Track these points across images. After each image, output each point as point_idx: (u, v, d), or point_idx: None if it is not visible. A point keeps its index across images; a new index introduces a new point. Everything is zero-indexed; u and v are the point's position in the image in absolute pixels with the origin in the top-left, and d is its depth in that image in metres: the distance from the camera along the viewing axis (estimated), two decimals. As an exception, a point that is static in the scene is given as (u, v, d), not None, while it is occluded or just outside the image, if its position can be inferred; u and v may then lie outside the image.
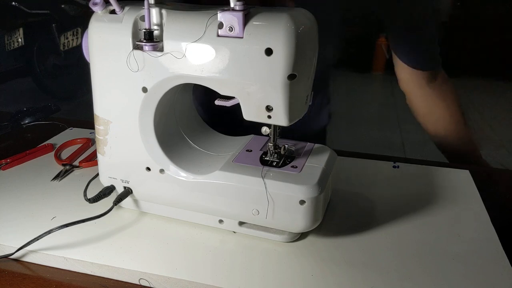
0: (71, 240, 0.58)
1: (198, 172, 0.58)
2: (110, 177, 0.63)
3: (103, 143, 0.61)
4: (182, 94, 0.63)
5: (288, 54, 0.47)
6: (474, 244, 0.57)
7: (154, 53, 0.53)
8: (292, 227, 0.56)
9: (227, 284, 0.51)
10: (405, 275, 0.52)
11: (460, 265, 0.53)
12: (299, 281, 0.51)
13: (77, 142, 0.87)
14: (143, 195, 0.62)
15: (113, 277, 0.54)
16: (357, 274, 0.52)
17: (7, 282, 0.53)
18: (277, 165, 0.58)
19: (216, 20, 0.49)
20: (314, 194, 0.53)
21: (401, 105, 3.16)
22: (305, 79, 0.52)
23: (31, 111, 1.03)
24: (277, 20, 0.47)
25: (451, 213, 0.63)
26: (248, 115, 0.53)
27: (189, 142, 0.64)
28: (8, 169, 0.77)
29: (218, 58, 0.50)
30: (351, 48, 3.25)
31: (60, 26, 3.28)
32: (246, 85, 0.51)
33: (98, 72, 0.58)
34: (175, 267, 0.53)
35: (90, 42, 0.57)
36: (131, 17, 0.54)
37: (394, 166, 0.77)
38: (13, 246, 0.56)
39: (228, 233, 0.60)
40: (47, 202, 0.66)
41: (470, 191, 0.69)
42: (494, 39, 3.50)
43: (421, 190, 0.69)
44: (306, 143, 0.63)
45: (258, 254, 0.56)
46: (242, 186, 0.55)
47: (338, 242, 0.58)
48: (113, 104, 0.58)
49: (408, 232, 0.60)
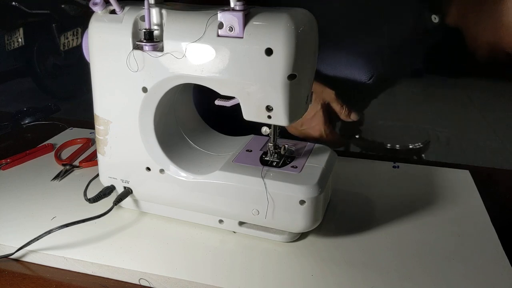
0: (71, 240, 0.58)
1: (198, 172, 0.58)
2: (110, 177, 0.63)
3: (103, 143, 0.61)
4: (182, 94, 0.63)
5: (288, 54, 0.47)
6: (474, 244, 0.57)
7: (154, 53, 0.53)
8: (292, 227, 0.56)
9: (227, 284, 0.51)
10: (405, 275, 0.52)
11: (460, 265, 0.53)
12: (299, 281, 0.51)
13: (77, 142, 0.87)
14: (143, 195, 0.62)
15: (113, 277, 0.54)
16: (357, 274, 0.52)
17: (7, 282, 0.53)
18: (277, 165, 0.58)
19: (216, 20, 0.49)
20: (314, 194, 0.53)
21: (401, 105, 3.16)
22: (305, 79, 0.52)
23: (31, 111, 1.03)
24: (277, 20, 0.47)
25: (451, 213, 0.63)
26: (248, 115, 0.53)
27: (189, 142, 0.64)
28: (8, 169, 0.77)
29: (218, 58, 0.50)
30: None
31: (60, 26, 3.27)
32: (246, 85, 0.51)
33: (98, 72, 0.58)
34: (175, 267, 0.53)
35: (90, 42, 0.57)
36: (131, 17, 0.54)
37: (394, 166, 0.77)
38: (13, 246, 0.56)
39: (228, 233, 0.60)
40: (47, 202, 0.66)
41: (470, 191, 0.69)
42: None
43: (421, 190, 0.69)
44: (306, 143, 0.63)
45: (258, 254, 0.56)
46: (242, 186, 0.55)
47: (338, 242, 0.58)
48: (113, 104, 0.58)
49: (408, 232, 0.60)
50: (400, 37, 0.87)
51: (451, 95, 3.28)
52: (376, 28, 0.86)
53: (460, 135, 2.70)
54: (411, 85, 3.57)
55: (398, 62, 0.93)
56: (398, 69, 0.99)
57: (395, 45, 0.88)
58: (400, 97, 3.30)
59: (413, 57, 0.95)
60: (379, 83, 0.92)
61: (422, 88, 3.50)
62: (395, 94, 3.31)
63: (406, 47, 0.89)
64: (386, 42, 0.87)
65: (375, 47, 0.87)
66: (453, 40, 0.94)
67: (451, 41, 0.95)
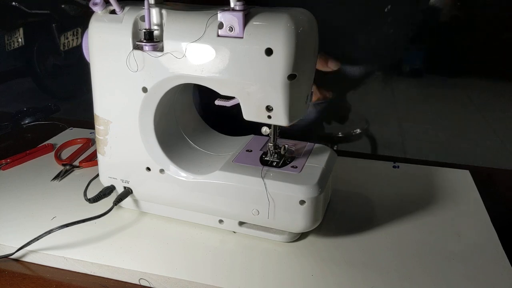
0: (71, 240, 0.58)
1: (198, 172, 0.58)
2: (110, 177, 0.63)
3: (103, 143, 0.61)
4: (182, 94, 0.63)
5: (288, 54, 0.47)
6: (474, 244, 0.57)
7: (154, 53, 0.53)
8: (292, 227, 0.56)
9: (227, 284, 0.51)
10: (405, 275, 0.52)
11: (460, 265, 0.53)
12: (299, 281, 0.51)
13: (77, 142, 0.87)
14: (143, 195, 0.62)
15: (113, 277, 0.54)
16: (357, 274, 0.52)
17: (7, 282, 0.53)
18: (277, 165, 0.58)
19: (216, 20, 0.49)
20: (314, 194, 0.53)
21: (401, 105, 3.16)
22: (305, 79, 0.52)
23: (31, 111, 1.03)
24: (277, 20, 0.47)
25: (451, 213, 0.63)
26: (248, 115, 0.53)
27: (189, 142, 0.64)
28: (8, 169, 0.77)
29: (218, 58, 0.50)
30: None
31: (60, 26, 3.27)
32: (246, 85, 0.51)
33: (98, 72, 0.58)
34: (175, 267, 0.53)
35: (90, 42, 0.57)
36: (131, 17, 0.54)
37: (394, 166, 0.77)
38: (13, 246, 0.56)
39: (228, 233, 0.60)
40: (47, 202, 0.66)
41: (470, 191, 0.69)
42: (495, 38, 3.50)
43: (421, 190, 0.69)
44: (306, 143, 0.63)
45: (258, 254, 0.56)
46: (242, 186, 0.55)
47: (338, 242, 0.58)
48: (113, 104, 0.58)
49: (408, 232, 0.60)
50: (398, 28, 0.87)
51: (451, 95, 3.28)
52: (376, 27, 0.86)
53: (460, 135, 2.70)
54: (411, 85, 3.57)
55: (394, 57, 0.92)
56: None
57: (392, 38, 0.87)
58: (400, 97, 3.31)
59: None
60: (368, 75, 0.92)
61: (422, 88, 3.51)
62: (395, 94, 3.32)
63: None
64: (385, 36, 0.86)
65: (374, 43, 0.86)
66: (454, 40, 0.94)
67: (451, 41, 0.95)
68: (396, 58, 0.86)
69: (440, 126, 2.75)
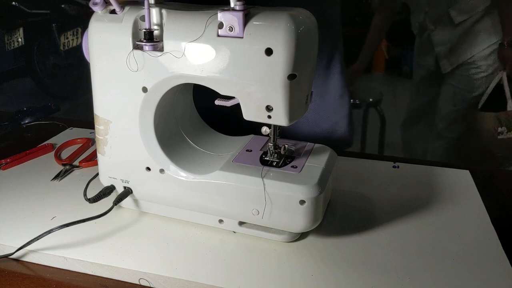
0: (71, 240, 0.58)
1: (198, 172, 0.58)
2: (110, 177, 0.63)
3: (103, 143, 0.61)
4: (182, 94, 0.63)
5: (288, 54, 0.47)
6: (474, 244, 0.57)
7: (154, 53, 0.53)
8: (292, 227, 0.56)
9: (227, 284, 0.51)
10: (405, 275, 0.52)
11: (460, 265, 0.53)
12: (299, 281, 0.51)
13: (77, 142, 0.87)
14: (143, 195, 0.62)
15: (113, 277, 0.54)
16: (357, 274, 0.52)
17: (7, 282, 0.53)
18: (277, 165, 0.58)
19: (216, 20, 0.49)
20: (314, 194, 0.53)
21: (401, 105, 3.16)
22: (305, 79, 0.52)
23: (31, 111, 1.03)
24: (277, 20, 0.47)
25: (451, 213, 0.63)
26: (248, 115, 0.53)
27: (189, 142, 0.64)
28: (8, 169, 0.77)
29: (218, 58, 0.50)
30: (351, 48, 3.24)
31: (60, 26, 3.27)
32: (246, 85, 0.51)
33: (98, 72, 0.58)
34: (175, 267, 0.53)
35: (90, 42, 0.57)
36: (131, 17, 0.54)
37: (394, 166, 0.77)
38: (13, 246, 0.56)
39: (228, 233, 0.60)
40: (47, 202, 0.66)
41: (470, 191, 0.69)
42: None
43: (421, 190, 0.69)
44: (306, 143, 0.63)
45: (258, 254, 0.56)
46: (242, 186, 0.55)
47: (338, 242, 0.58)
48: (113, 104, 0.58)
49: (408, 232, 0.60)
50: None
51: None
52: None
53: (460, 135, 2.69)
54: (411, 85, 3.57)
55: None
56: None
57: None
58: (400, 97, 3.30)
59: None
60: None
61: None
62: (396, 94, 3.32)
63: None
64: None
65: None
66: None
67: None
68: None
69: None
